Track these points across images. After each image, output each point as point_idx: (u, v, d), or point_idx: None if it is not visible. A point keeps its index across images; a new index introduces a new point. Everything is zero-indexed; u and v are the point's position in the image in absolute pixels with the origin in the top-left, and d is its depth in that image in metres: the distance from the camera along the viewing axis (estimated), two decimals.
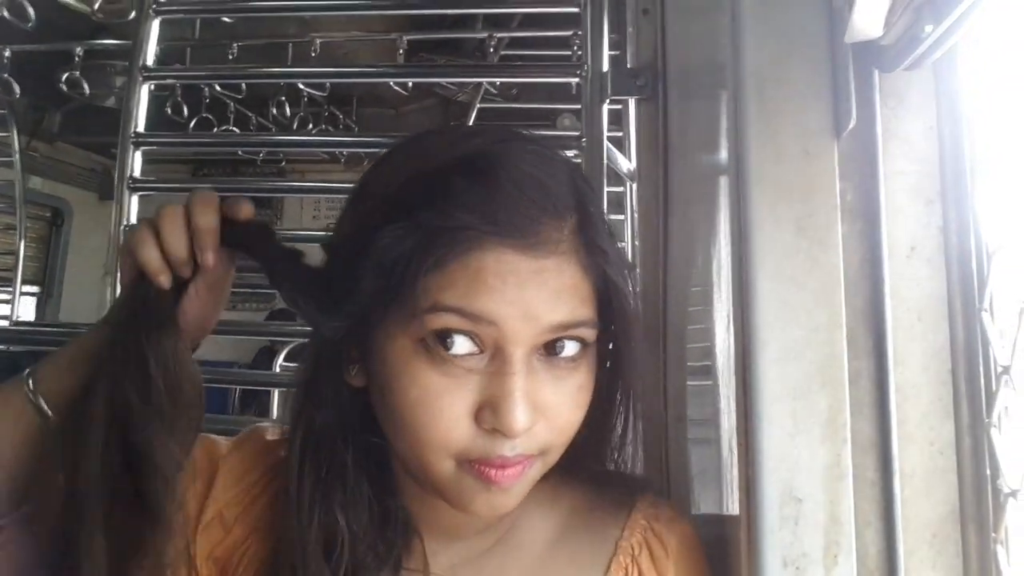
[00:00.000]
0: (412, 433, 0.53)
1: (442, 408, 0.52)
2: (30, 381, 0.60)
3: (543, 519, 0.64)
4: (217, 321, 0.65)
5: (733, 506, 0.64)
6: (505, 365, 0.52)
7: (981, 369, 0.56)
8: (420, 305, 0.51)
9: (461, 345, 0.52)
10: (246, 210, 0.60)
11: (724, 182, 0.73)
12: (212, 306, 0.63)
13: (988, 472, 0.55)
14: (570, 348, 0.54)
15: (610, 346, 0.59)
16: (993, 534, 0.54)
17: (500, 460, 0.53)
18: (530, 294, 0.51)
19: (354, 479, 0.58)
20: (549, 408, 0.54)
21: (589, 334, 0.55)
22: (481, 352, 0.53)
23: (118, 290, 1.22)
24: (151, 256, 0.58)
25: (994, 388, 0.54)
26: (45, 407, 0.59)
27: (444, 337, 0.52)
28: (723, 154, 0.75)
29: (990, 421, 0.54)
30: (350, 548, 0.57)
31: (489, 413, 0.52)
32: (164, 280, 0.58)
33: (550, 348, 0.54)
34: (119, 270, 0.62)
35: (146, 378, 0.56)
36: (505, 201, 0.52)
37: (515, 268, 0.51)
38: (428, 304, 0.51)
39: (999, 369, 0.54)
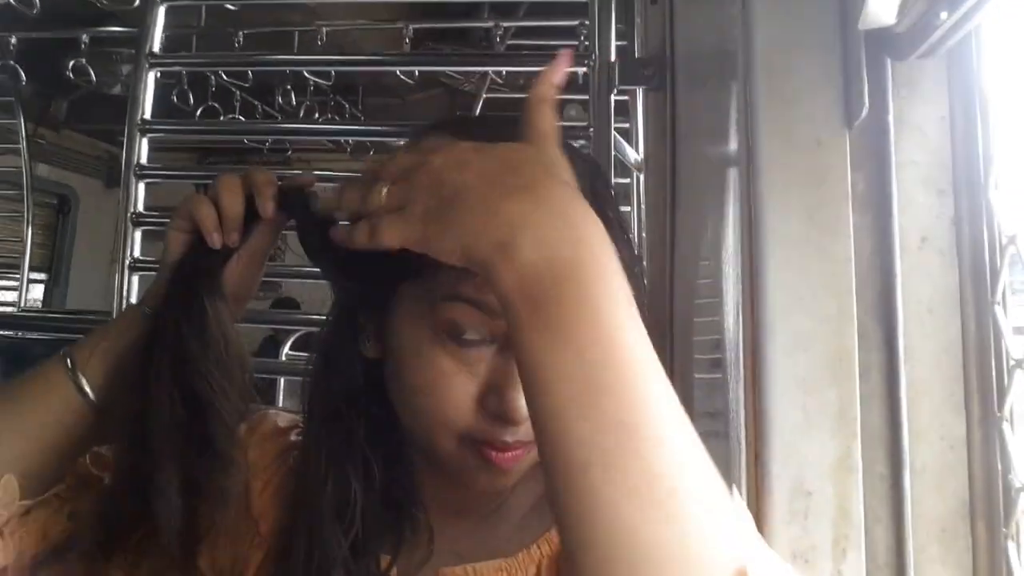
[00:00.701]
0: (421, 412, 0.56)
1: (451, 392, 0.54)
2: (68, 361, 0.62)
3: (526, 490, 0.64)
4: (254, 294, 0.67)
5: (743, 500, 0.63)
6: (512, 354, 0.52)
7: (993, 363, 0.55)
8: (439, 292, 0.53)
9: (473, 333, 0.53)
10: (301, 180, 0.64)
11: (733, 172, 0.72)
12: (251, 278, 0.66)
13: (999, 467, 0.54)
14: None
15: None
16: (1004, 529, 0.53)
17: (502, 444, 0.54)
18: None
19: (365, 448, 0.60)
20: None
21: None
22: (492, 341, 0.54)
23: (125, 275, 1.22)
24: (209, 214, 0.61)
25: (1006, 382, 0.54)
26: (87, 388, 0.61)
27: (460, 327, 0.53)
28: (732, 144, 0.74)
29: (1002, 415, 0.54)
30: (361, 514, 0.59)
31: (495, 400, 0.53)
32: (218, 238, 0.61)
33: None
34: (166, 245, 0.63)
35: (204, 332, 0.60)
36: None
37: None
38: (446, 292, 0.53)
39: (1011, 363, 0.53)
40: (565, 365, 0.40)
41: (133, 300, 1.25)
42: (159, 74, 1.32)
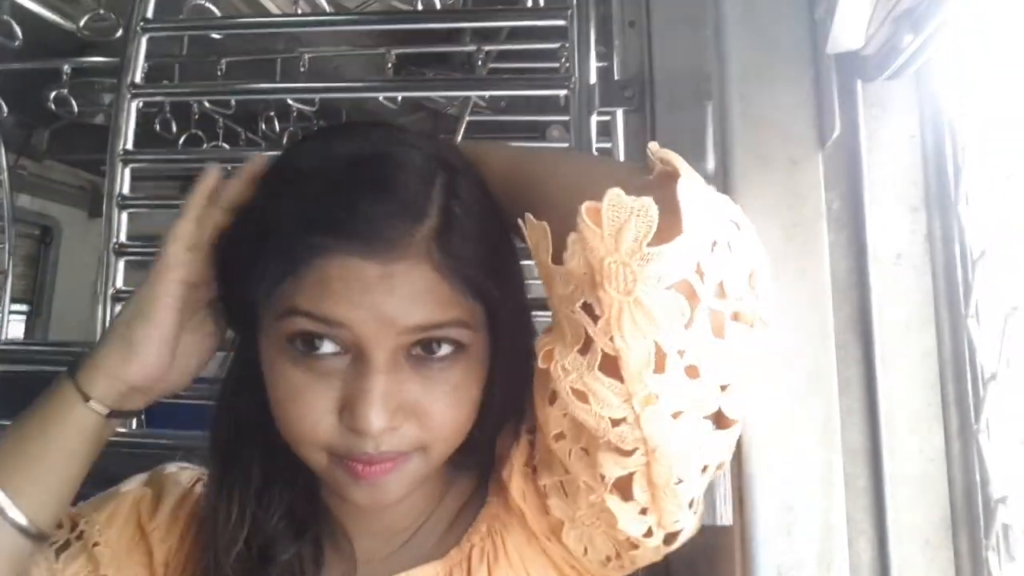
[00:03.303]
0: (285, 428, 0.56)
1: (306, 404, 0.54)
2: (78, 381, 0.60)
3: (451, 503, 0.66)
4: (180, 382, 0.65)
5: (727, 516, 0.64)
6: (365, 366, 0.53)
7: (969, 376, 0.56)
8: (280, 307, 0.54)
9: (323, 346, 0.54)
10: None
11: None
12: (188, 355, 0.64)
13: (978, 478, 0.55)
14: (444, 348, 0.55)
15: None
16: (984, 540, 0.54)
17: (365, 457, 0.54)
18: (379, 299, 0.52)
19: (263, 479, 0.62)
20: (418, 408, 0.55)
21: (462, 335, 0.55)
22: (345, 352, 0.54)
23: (108, 306, 1.22)
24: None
25: (981, 394, 0.55)
26: (101, 408, 0.60)
27: (305, 339, 0.54)
28: (710, 164, 0.75)
29: (978, 427, 0.55)
30: (261, 546, 0.60)
31: (348, 412, 0.53)
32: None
33: (426, 347, 0.55)
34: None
35: None
36: (352, 207, 0.53)
37: (360, 274, 0.52)
38: (284, 308, 0.54)
39: (986, 376, 0.54)
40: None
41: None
42: (141, 103, 1.32)
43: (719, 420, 0.49)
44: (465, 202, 0.57)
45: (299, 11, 1.79)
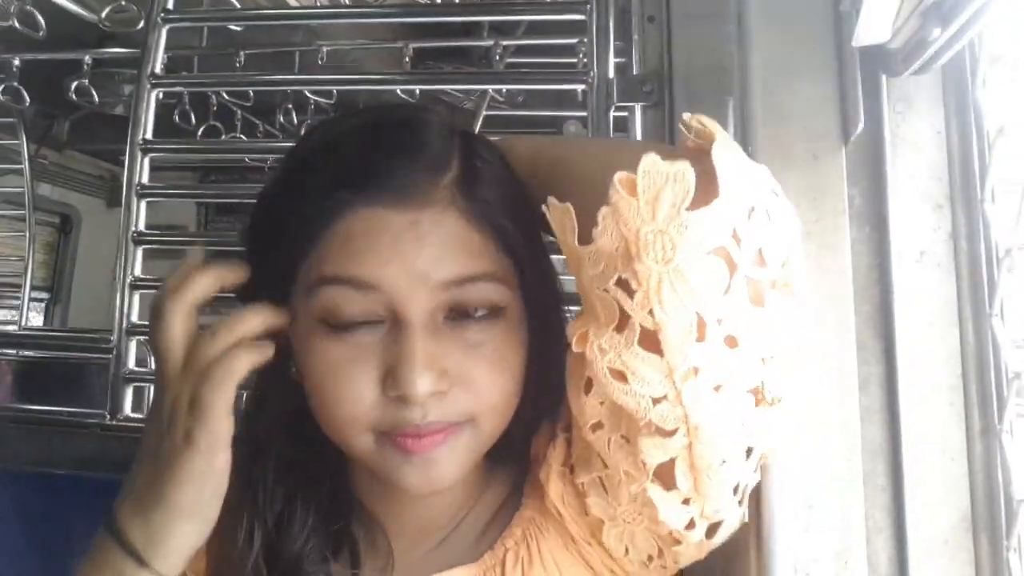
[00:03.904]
0: (326, 411, 0.53)
1: (347, 380, 0.52)
2: (116, 528, 0.54)
3: (484, 506, 0.64)
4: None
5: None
6: (403, 329, 0.51)
7: (992, 375, 0.55)
8: (309, 280, 0.52)
9: (356, 317, 0.51)
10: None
11: None
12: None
13: (1000, 478, 0.54)
14: (481, 311, 0.53)
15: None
16: (1005, 541, 0.54)
17: (413, 429, 0.52)
18: (408, 250, 0.50)
19: (296, 482, 0.60)
20: (464, 374, 0.53)
21: (496, 292, 0.54)
22: (380, 322, 0.52)
23: (126, 294, 1.23)
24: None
25: (1005, 394, 0.54)
26: (144, 556, 0.52)
27: (337, 311, 0.51)
28: None
29: (1001, 427, 0.54)
30: (298, 550, 0.58)
31: (391, 380, 0.51)
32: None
33: (460, 312, 0.53)
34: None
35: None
36: (375, 161, 0.52)
37: (386, 225, 0.50)
38: (314, 278, 0.52)
39: (1010, 375, 0.53)
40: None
41: (135, 319, 1.25)
42: (161, 94, 1.33)
43: (762, 396, 0.48)
44: (485, 160, 0.56)
45: (318, 4, 1.79)
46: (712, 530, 0.53)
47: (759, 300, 0.45)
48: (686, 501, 0.50)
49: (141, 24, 1.50)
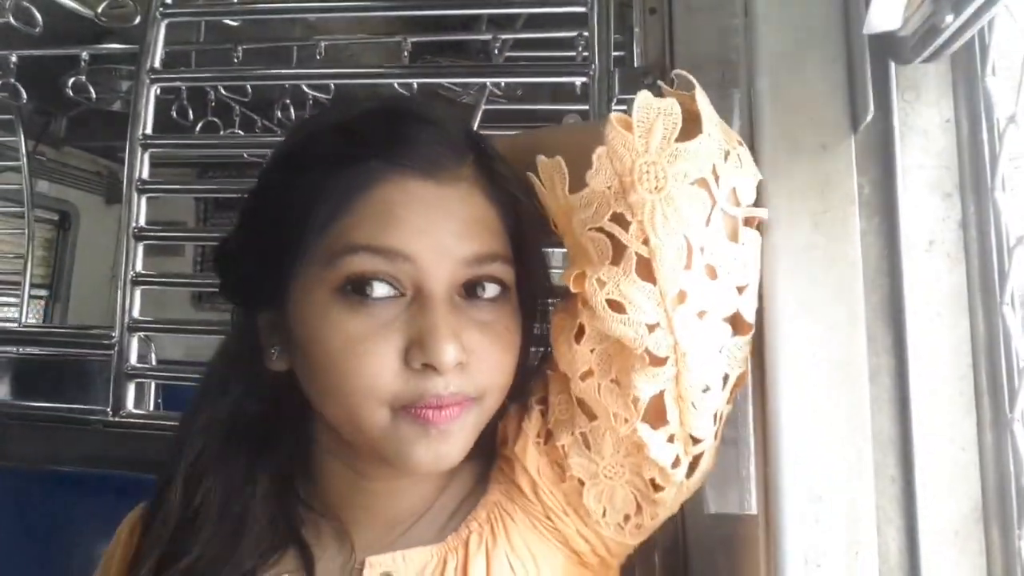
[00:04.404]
0: (341, 386, 0.53)
1: (368, 352, 0.52)
2: None
3: (453, 493, 0.65)
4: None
5: (752, 505, 0.63)
6: (427, 302, 0.53)
7: (1003, 364, 0.55)
8: (333, 249, 0.52)
9: (380, 289, 0.52)
10: None
11: None
12: None
13: (1012, 469, 0.54)
14: (490, 290, 0.56)
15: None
16: (1017, 531, 0.53)
17: (435, 400, 0.52)
18: (439, 223, 0.53)
19: (254, 470, 0.61)
20: (477, 349, 0.55)
21: (505, 272, 0.57)
22: (401, 295, 0.53)
23: (127, 290, 1.22)
24: None
25: (1016, 384, 0.54)
26: None
27: (361, 282, 0.52)
28: None
29: (1013, 417, 0.54)
30: (253, 541, 0.59)
31: (417, 350, 0.52)
32: None
33: (470, 291, 0.55)
34: None
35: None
36: (403, 134, 0.53)
37: (421, 196, 0.52)
38: (340, 246, 0.52)
39: (1021, 364, 0.53)
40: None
41: (136, 315, 1.25)
42: (159, 89, 1.32)
43: (736, 325, 0.53)
44: (493, 150, 0.60)
45: None
46: (692, 468, 0.57)
47: (734, 235, 0.51)
48: (671, 439, 0.54)
49: (138, 19, 1.49)
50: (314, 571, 0.60)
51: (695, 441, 0.56)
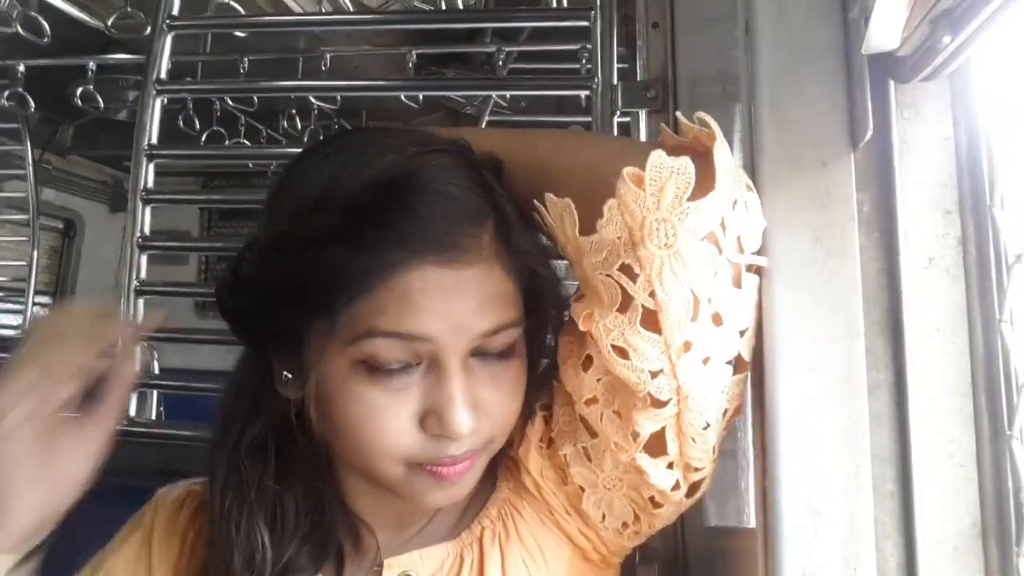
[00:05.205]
0: (359, 447, 0.56)
1: (387, 422, 0.54)
2: None
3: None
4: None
5: (751, 518, 0.63)
6: (443, 373, 0.54)
7: (1002, 381, 0.55)
8: (354, 331, 0.53)
9: (397, 361, 0.54)
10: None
11: None
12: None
13: (1010, 485, 0.54)
14: (500, 347, 0.57)
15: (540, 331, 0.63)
16: (1016, 548, 0.53)
17: (449, 459, 0.55)
18: (456, 306, 0.53)
19: (277, 490, 0.61)
20: (489, 405, 0.57)
21: (518, 333, 0.58)
22: (417, 364, 0.54)
23: (131, 299, 1.23)
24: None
25: (1015, 400, 0.54)
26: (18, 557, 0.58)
27: (380, 358, 0.53)
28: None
29: (1011, 433, 0.54)
30: (273, 558, 0.60)
31: (434, 420, 0.54)
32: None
33: (482, 351, 0.56)
34: None
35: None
36: (421, 219, 0.52)
37: (440, 283, 0.52)
38: (362, 330, 0.53)
39: (1021, 381, 0.53)
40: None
41: (139, 323, 1.25)
42: (166, 100, 1.33)
43: (737, 365, 0.55)
44: (504, 192, 0.58)
45: (322, 10, 1.80)
46: (692, 489, 0.59)
47: (737, 282, 0.52)
48: (671, 465, 0.56)
49: (147, 31, 1.51)
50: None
51: (695, 469, 0.57)
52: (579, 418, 0.60)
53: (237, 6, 1.63)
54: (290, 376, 0.59)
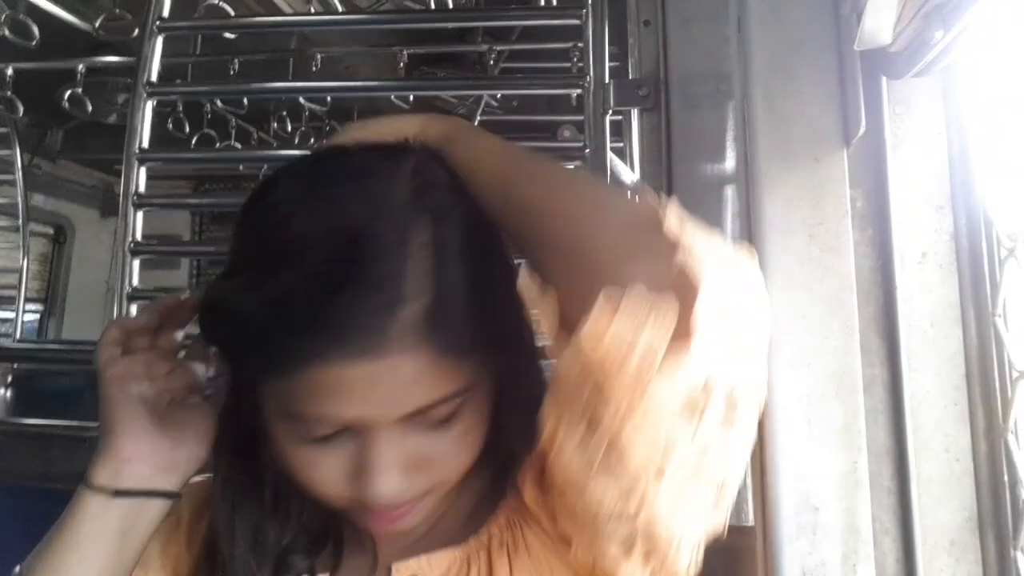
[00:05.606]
0: (299, 487, 0.55)
1: (320, 476, 0.54)
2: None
3: (470, 491, 0.64)
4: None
5: (749, 516, 0.63)
6: (368, 440, 0.52)
7: (996, 374, 0.55)
8: (281, 402, 0.53)
9: (325, 430, 0.52)
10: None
11: (729, 190, 0.73)
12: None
13: (1006, 478, 0.54)
14: (439, 416, 0.53)
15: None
16: (1012, 541, 0.54)
17: (383, 511, 0.54)
18: (372, 396, 0.50)
19: (275, 492, 0.61)
20: (429, 460, 0.54)
21: (457, 401, 0.53)
22: (344, 430, 0.52)
23: (123, 304, 1.22)
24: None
25: (1009, 394, 0.54)
26: (116, 486, 0.60)
27: (302, 430, 0.53)
28: (727, 163, 0.75)
29: (1006, 427, 0.54)
30: (278, 539, 0.60)
31: (361, 486, 0.52)
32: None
33: (418, 417, 0.52)
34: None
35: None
36: (328, 304, 0.49)
37: (350, 378, 0.50)
38: (276, 407, 0.53)
39: (1015, 374, 0.53)
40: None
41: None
42: (156, 103, 1.32)
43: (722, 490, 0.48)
44: (452, 251, 0.53)
45: (312, 11, 1.79)
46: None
47: (729, 422, 0.45)
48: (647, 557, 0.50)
49: (136, 32, 1.50)
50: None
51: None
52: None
53: (227, 7, 1.62)
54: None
